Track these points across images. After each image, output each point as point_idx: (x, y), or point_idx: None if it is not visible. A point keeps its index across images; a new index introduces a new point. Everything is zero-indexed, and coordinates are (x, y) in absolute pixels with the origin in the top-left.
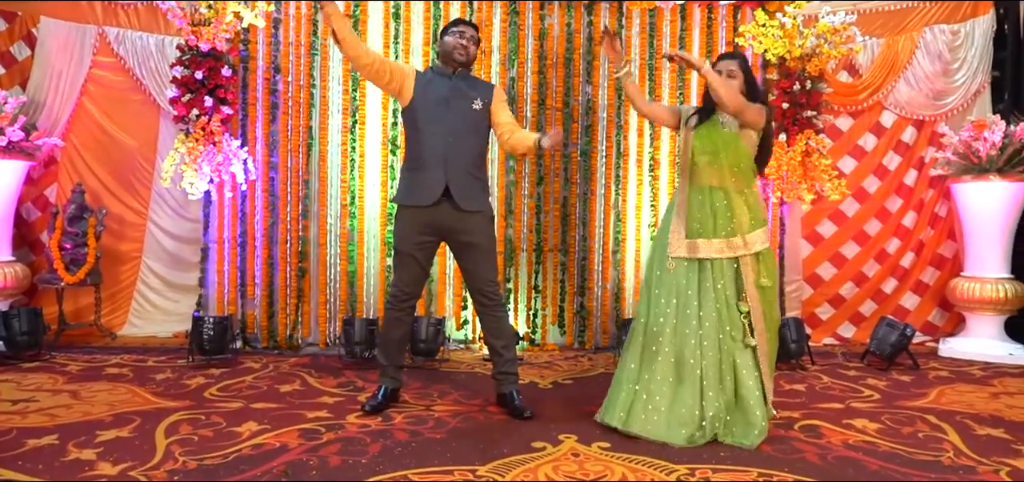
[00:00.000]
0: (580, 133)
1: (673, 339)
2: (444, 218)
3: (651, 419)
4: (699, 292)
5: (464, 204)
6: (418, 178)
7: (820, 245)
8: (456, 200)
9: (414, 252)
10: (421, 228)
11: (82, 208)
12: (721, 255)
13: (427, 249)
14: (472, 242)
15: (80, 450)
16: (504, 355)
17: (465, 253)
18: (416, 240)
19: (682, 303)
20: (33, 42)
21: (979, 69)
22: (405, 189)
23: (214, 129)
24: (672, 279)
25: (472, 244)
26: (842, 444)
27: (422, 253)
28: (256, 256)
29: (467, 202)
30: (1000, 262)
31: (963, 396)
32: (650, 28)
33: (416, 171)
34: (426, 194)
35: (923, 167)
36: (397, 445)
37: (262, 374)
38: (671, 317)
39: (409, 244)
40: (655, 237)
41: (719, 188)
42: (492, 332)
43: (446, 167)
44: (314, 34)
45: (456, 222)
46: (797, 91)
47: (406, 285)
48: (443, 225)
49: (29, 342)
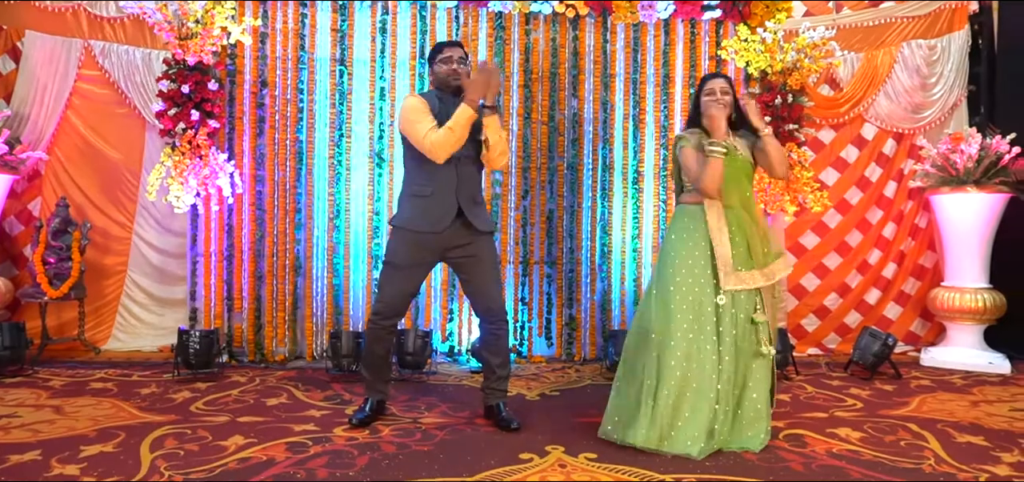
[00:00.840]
0: (566, 146)
1: (694, 354)
2: (451, 238)
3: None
4: (718, 307)
5: (477, 224)
6: (428, 204)
7: (803, 256)
8: (470, 220)
9: (409, 266)
10: (425, 249)
11: (66, 222)
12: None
13: (424, 266)
14: (479, 257)
15: (63, 466)
16: (498, 372)
17: (472, 269)
18: (417, 258)
19: (702, 318)
20: (18, 55)
21: (956, 83)
22: (412, 214)
23: (201, 143)
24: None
25: (480, 259)
26: (826, 453)
27: (418, 269)
28: (243, 269)
29: (479, 222)
30: (979, 272)
31: (944, 404)
32: (634, 43)
33: (425, 197)
34: (437, 221)
35: (903, 179)
36: (385, 458)
37: (248, 388)
38: (687, 332)
39: (406, 258)
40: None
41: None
42: (491, 348)
43: (458, 193)
44: (301, 49)
45: (463, 239)
46: (779, 105)
47: (393, 300)
48: (449, 245)
49: (11, 357)
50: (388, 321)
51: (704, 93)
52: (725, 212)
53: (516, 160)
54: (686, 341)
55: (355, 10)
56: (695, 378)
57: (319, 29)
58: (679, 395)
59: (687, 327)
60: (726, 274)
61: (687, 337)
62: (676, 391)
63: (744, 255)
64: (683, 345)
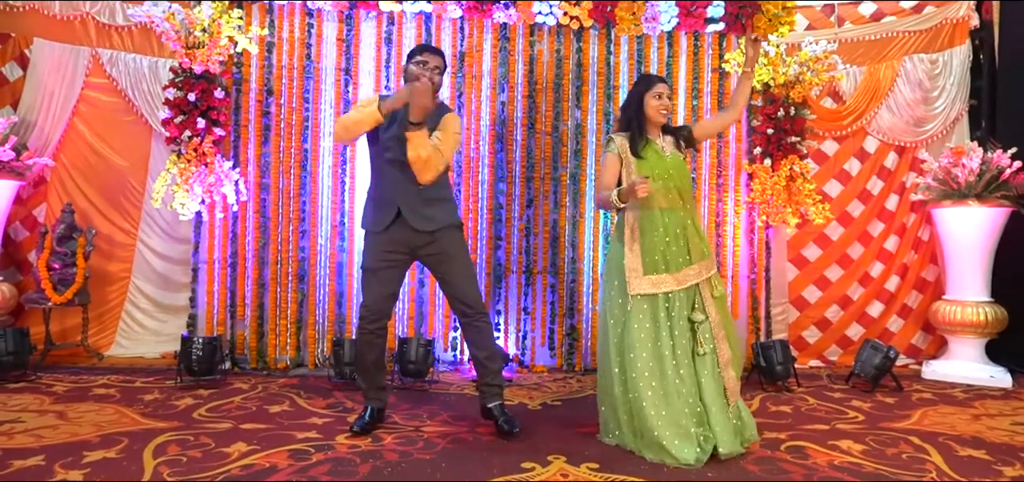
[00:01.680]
0: (569, 157)
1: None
2: (405, 236)
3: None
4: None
5: (421, 225)
6: (375, 205)
7: (805, 268)
8: (410, 222)
9: (379, 268)
10: (386, 245)
11: (71, 228)
12: (687, 284)
13: (396, 266)
14: (446, 253)
15: (67, 471)
16: (488, 366)
17: (439, 266)
18: (382, 257)
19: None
20: (26, 63)
21: (957, 97)
22: (366, 215)
23: (206, 150)
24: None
25: (446, 255)
26: (828, 465)
27: (389, 270)
28: (247, 277)
29: (420, 222)
30: (980, 286)
31: (946, 418)
32: (638, 54)
33: (373, 199)
34: (378, 221)
35: (905, 192)
36: (387, 466)
37: (251, 395)
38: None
39: (375, 260)
40: (610, 263)
41: (675, 214)
42: (475, 343)
43: (397, 194)
44: (307, 58)
45: (417, 239)
46: (781, 117)
47: (373, 303)
48: (407, 242)
49: (15, 362)
50: (371, 324)
51: (652, 95)
52: (643, 214)
53: (520, 170)
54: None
55: (361, 20)
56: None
57: (325, 39)
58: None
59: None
60: (635, 282)
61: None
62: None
63: (662, 256)
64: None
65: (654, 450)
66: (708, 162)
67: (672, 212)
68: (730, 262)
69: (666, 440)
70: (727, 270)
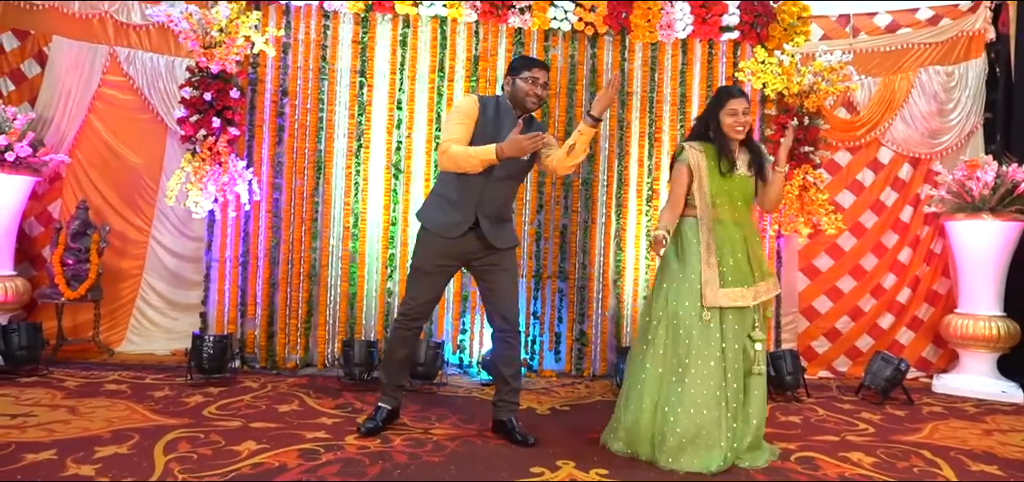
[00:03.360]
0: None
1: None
2: (470, 247)
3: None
4: (722, 324)
5: (491, 239)
6: (449, 208)
7: (817, 278)
8: (486, 237)
9: (433, 272)
10: (447, 251)
11: (86, 224)
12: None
13: (447, 272)
14: (501, 266)
15: (79, 466)
16: (511, 384)
17: (492, 276)
18: (438, 261)
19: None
20: (44, 60)
21: (972, 110)
22: (433, 214)
23: (220, 149)
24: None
25: (501, 268)
26: (838, 477)
27: (441, 276)
28: (258, 276)
29: (495, 238)
30: (993, 300)
31: (957, 432)
32: (652, 62)
33: (449, 201)
34: (452, 227)
35: (918, 204)
36: (396, 467)
37: (260, 394)
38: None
39: (431, 263)
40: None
41: (740, 230)
42: (504, 359)
43: (478, 210)
44: (323, 59)
45: (482, 252)
46: (795, 126)
47: (420, 304)
48: (468, 252)
49: (28, 357)
50: (414, 323)
51: (726, 112)
52: (715, 227)
53: (532, 174)
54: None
55: (377, 23)
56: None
57: (341, 41)
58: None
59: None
60: (711, 291)
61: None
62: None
63: (734, 271)
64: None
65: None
66: None
67: (738, 227)
68: None
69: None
70: None
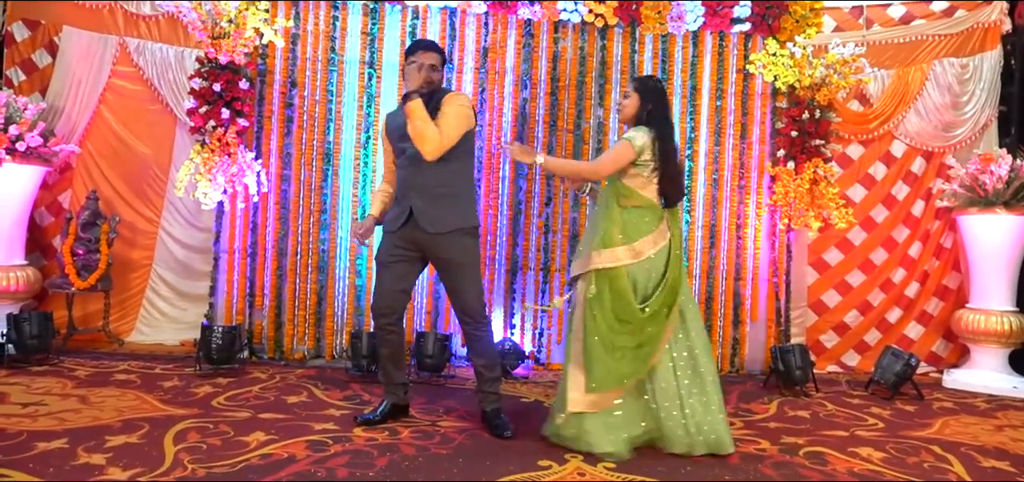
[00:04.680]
0: (591, 155)
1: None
2: (417, 235)
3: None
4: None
5: (427, 226)
6: (394, 206)
7: (826, 272)
8: (419, 222)
9: (391, 261)
10: (398, 242)
11: (96, 215)
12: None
13: (407, 260)
14: (449, 259)
15: (90, 455)
16: (486, 375)
17: (444, 271)
18: (392, 252)
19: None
20: (55, 50)
21: (987, 103)
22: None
23: (229, 140)
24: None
25: (448, 260)
26: (847, 472)
27: (401, 264)
28: (266, 267)
29: (428, 223)
30: (1005, 295)
31: (968, 428)
32: (662, 54)
33: (394, 200)
34: (394, 219)
35: (930, 198)
36: (404, 459)
37: (269, 385)
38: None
39: (386, 254)
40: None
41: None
42: (475, 351)
43: (411, 196)
44: (332, 50)
45: (428, 242)
46: (806, 119)
47: (383, 296)
48: (419, 241)
49: (39, 346)
50: (383, 319)
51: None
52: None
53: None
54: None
55: (386, 14)
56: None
57: (350, 32)
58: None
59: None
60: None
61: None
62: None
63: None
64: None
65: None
66: (730, 164)
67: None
68: (751, 264)
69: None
70: (748, 272)
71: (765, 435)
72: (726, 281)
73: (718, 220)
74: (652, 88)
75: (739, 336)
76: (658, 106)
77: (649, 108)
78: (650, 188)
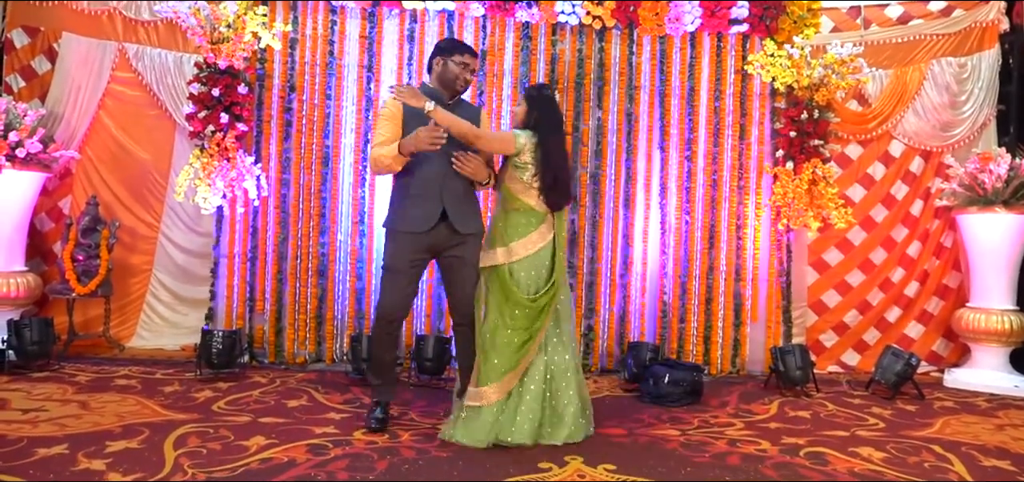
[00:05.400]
0: (590, 156)
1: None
2: (440, 238)
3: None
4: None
5: (461, 227)
6: (413, 207)
7: (826, 272)
8: (453, 224)
9: (407, 269)
10: (416, 248)
11: (96, 220)
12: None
13: (420, 267)
14: (465, 259)
15: (90, 460)
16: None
17: (456, 270)
18: (410, 258)
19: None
20: (54, 56)
21: (985, 102)
22: (401, 215)
23: (229, 145)
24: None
25: (464, 262)
26: (848, 472)
27: (415, 270)
28: (266, 272)
29: (464, 225)
30: (1006, 294)
31: (969, 427)
32: (660, 55)
33: (410, 200)
34: (422, 221)
35: (929, 198)
36: (404, 462)
37: (269, 389)
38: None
39: (403, 262)
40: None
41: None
42: (464, 351)
43: (442, 198)
44: (330, 54)
45: (451, 240)
46: (804, 120)
47: (399, 303)
48: (437, 244)
49: (39, 352)
50: (393, 324)
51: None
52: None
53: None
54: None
55: (384, 17)
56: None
57: (348, 36)
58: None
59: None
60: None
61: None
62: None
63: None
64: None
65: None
66: (729, 164)
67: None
68: (750, 265)
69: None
70: (747, 273)
71: (766, 435)
72: (726, 281)
73: (718, 221)
74: (539, 97)
75: (739, 336)
76: (544, 114)
77: (536, 116)
78: (531, 193)
